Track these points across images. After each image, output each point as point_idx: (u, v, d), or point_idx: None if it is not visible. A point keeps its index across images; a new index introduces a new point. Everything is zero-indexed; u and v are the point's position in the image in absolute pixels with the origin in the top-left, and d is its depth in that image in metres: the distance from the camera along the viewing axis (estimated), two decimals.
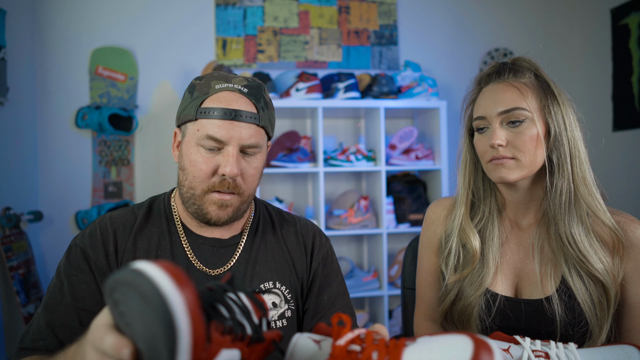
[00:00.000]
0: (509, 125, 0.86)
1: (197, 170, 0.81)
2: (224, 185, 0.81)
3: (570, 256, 0.84)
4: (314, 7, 2.70)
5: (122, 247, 0.85)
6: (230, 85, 0.83)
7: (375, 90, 2.43)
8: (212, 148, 0.81)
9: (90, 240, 0.85)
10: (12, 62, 2.14)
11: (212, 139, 0.80)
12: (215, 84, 0.83)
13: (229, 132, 0.80)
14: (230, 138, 0.80)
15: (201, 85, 0.84)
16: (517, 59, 0.93)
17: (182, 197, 0.86)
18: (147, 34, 2.53)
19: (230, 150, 0.80)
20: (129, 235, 0.86)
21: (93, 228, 0.87)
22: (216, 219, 0.84)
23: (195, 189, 0.83)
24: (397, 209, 2.52)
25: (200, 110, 0.81)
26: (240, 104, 0.82)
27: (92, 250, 0.84)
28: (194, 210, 0.85)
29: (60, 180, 2.43)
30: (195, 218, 0.86)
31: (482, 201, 0.95)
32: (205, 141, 0.80)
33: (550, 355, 0.68)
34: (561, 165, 0.86)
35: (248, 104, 0.83)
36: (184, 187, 0.84)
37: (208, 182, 0.82)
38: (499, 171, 0.86)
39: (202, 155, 0.81)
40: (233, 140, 0.80)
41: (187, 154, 0.83)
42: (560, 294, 0.84)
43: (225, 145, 0.81)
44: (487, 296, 0.89)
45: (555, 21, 2.94)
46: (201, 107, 0.81)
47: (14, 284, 2.04)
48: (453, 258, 0.94)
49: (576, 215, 0.86)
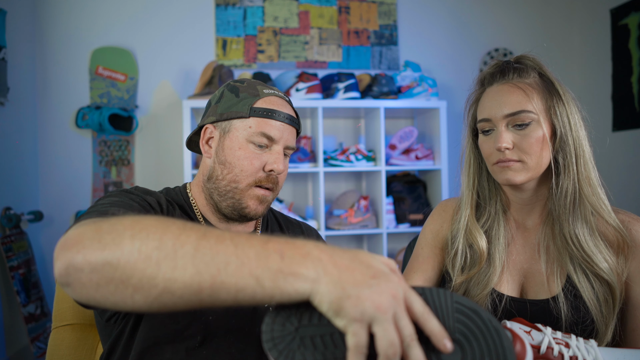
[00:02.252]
0: (515, 127, 0.85)
1: (248, 164, 0.86)
2: (269, 181, 0.88)
3: (575, 255, 0.84)
4: (314, 7, 2.70)
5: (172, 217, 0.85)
6: (276, 92, 0.91)
7: (375, 90, 2.43)
8: (262, 145, 0.87)
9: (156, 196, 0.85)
10: (12, 62, 2.15)
11: (267, 137, 0.86)
12: (262, 89, 0.90)
13: (282, 132, 0.88)
14: (281, 138, 0.88)
15: (246, 87, 0.90)
16: (520, 57, 0.92)
17: (217, 190, 0.88)
18: (147, 34, 2.53)
19: (278, 149, 0.88)
20: (173, 212, 0.87)
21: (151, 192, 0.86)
22: (254, 213, 0.88)
23: (239, 182, 0.86)
24: (397, 209, 2.52)
25: (254, 110, 0.87)
26: (288, 109, 0.91)
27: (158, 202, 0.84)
28: (230, 203, 0.88)
29: (61, 180, 2.43)
30: (227, 212, 0.89)
31: (488, 202, 0.95)
32: (258, 138, 0.86)
33: (570, 345, 0.68)
34: (567, 166, 0.85)
35: (291, 110, 0.92)
36: (223, 180, 0.87)
37: (255, 176, 0.87)
38: (506, 174, 0.86)
39: (251, 151, 0.87)
40: (282, 140, 0.88)
41: (232, 148, 0.87)
42: (566, 293, 0.84)
43: (274, 144, 0.88)
44: (493, 296, 0.89)
45: (555, 21, 2.94)
46: (254, 106, 0.87)
47: (14, 284, 2.04)
48: (460, 259, 0.93)
49: (580, 215, 0.85)
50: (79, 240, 0.50)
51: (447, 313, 0.48)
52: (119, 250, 0.47)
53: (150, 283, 0.46)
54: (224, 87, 0.92)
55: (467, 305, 0.48)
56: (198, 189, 0.93)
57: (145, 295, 0.47)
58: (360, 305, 0.43)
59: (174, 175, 2.51)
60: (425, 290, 0.50)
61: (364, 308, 0.43)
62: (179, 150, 2.47)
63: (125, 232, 0.49)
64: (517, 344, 0.55)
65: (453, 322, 0.47)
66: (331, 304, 0.44)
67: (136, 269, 0.46)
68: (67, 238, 0.51)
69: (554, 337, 0.70)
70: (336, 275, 0.45)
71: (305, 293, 0.45)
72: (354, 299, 0.43)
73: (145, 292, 0.47)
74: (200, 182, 0.93)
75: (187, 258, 0.46)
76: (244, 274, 0.45)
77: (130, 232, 0.49)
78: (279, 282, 0.45)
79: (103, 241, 0.49)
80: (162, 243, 0.47)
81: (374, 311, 0.42)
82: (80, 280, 0.49)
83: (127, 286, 0.47)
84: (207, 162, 0.92)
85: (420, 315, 0.45)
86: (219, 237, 0.48)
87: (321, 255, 0.46)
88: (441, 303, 0.49)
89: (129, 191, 0.82)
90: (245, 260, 0.46)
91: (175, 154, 2.49)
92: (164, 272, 0.46)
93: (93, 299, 0.49)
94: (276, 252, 0.46)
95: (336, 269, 0.45)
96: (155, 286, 0.46)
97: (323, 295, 0.44)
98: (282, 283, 0.45)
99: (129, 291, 0.47)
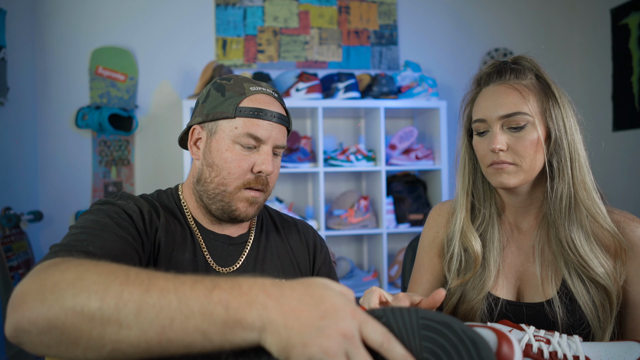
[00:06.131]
0: (509, 129, 0.85)
1: (235, 167, 0.83)
2: (258, 183, 0.85)
3: (571, 260, 0.84)
4: (314, 7, 2.70)
5: (155, 226, 0.83)
6: (264, 89, 0.87)
7: (375, 90, 2.43)
8: (249, 146, 0.84)
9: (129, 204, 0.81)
10: (12, 62, 2.15)
11: (253, 138, 0.83)
12: (248, 86, 0.86)
13: (270, 132, 0.84)
14: (269, 138, 0.84)
15: (232, 85, 0.86)
16: (518, 58, 0.91)
17: (206, 193, 0.86)
18: (147, 34, 2.53)
19: (267, 149, 0.85)
20: (157, 219, 0.84)
21: (135, 198, 0.84)
22: (244, 215, 0.86)
23: (228, 185, 0.84)
24: (397, 209, 2.52)
25: (240, 109, 0.83)
26: (276, 107, 0.87)
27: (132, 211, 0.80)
28: (220, 206, 0.85)
29: (60, 180, 2.43)
30: (218, 215, 0.87)
31: (482, 204, 0.94)
32: (244, 139, 0.83)
33: (551, 342, 0.69)
34: (561, 170, 0.85)
35: (280, 107, 0.88)
36: (211, 183, 0.85)
37: (243, 178, 0.84)
38: (499, 176, 0.86)
39: (238, 152, 0.84)
40: (271, 140, 0.85)
41: (219, 150, 0.84)
42: (561, 296, 0.84)
43: (262, 144, 0.85)
44: (489, 300, 0.88)
45: (555, 21, 2.94)
46: (240, 106, 0.84)
47: (14, 284, 2.04)
48: (455, 262, 0.93)
49: (576, 219, 0.85)
50: (24, 301, 0.49)
51: (412, 333, 0.45)
52: (62, 313, 0.47)
53: (99, 343, 0.46)
54: (210, 85, 0.89)
55: (435, 320, 0.45)
56: (189, 191, 0.91)
57: (97, 354, 0.47)
58: (307, 352, 0.42)
59: (173, 175, 2.51)
60: (387, 311, 0.47)
61: (311, 354, 0.42)
62: (178, 150, 2.47)
63: (68, 291, 0.48)
64: (504, 344, 0.53)
65: (420, 341, 0.45)
66: (279, 353, 0.43)
67: (82, 331, 0.46)
68: (15, 296, 0.51)
69: (535, 335, 0.70)
70: (281, 323, 0.44)
71: (254, 341, 0.45)
72: (299, 346, 0.42)
73: (96, 351, 0.47)
74: (190, 184, 0.91)
75: (131, 317, 0.46)
76: (190, 330, 0.45)
77: (72, 292, 0.48)
78: (226, 334, 0.45)
79: (46, 302, 0.48)
80: (104, 303, 0.46)
81: (322, 356, 0.42)
82: (32, 341, 0.49)
83: (77, 346, 0.47)
84: (196, 164, 0.90)
85: (379, 346, 0.44)
86: (162, 290, 0.47)
87: (267, 302, 0.45)
88: (405, 323, 0.46)
89: (111, 202, 0.80)
90: (189, 315, 0.45)
91: (175, 154, 2.48)
92: (109, 333, 0.46)
93: (48, 355, 0.50)
94: (220, 303, 0.45)
95: (282, 316, 0.44)
96: (104, 346, 0.46)
97: (270, 345, 0.44)
98: (229, 335, 0.45)
99: (80, 350, 0.47)
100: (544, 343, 0.69)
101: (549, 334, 0.72)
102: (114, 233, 0.72)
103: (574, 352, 0.68)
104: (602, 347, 0.71)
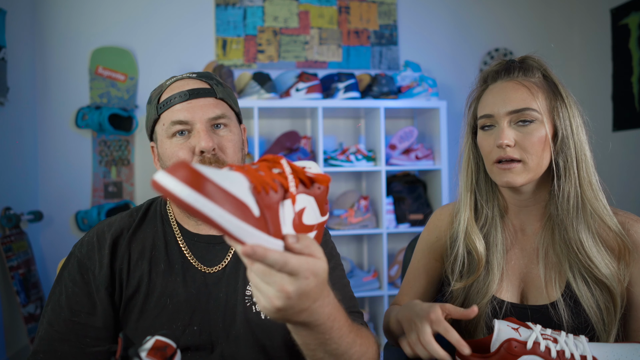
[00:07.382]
0: (517, 125, 0.84)
1: (175, 158, 0.83)
2: (206, 161, 0.82)
3: (576, 261, 0.83)
4: (314, 7, 2.70)
5: (119, 251, 0.86)
6: (179, 76, 0.89)
7: (375, 90, 2.43)
8: (182, 132, 0.83)
9: (87, 249, 0.86)
10: (12, 62, 2.14)
11: (178, 123, 0.83)
12: (166, 81, 0.89)
13: (190, 111, 0.83)
14: (194, 116, 0.83)
15: (155, 90, 0.89)
16: (525, 58, 0.91)
17: None
18: (147, 34, 2.53)
19: (199, 127, 0.83)
20: (124, 239, 0.87)
21: (91, 235, 0.88)
22: None
23: None
24: (397, 209, 2.52)
25: (159, 106, 0.86)
26: (192, 85, 0.86)
27: (88, 260, 0.85)
28: None
29: (60, 180, 2.43)
30: (186, 215, 0.88)
31: (485, 204, 0.94)
32: (172, 128, 0.83)
33: (558, 341, 0.69)
34: (567, 169, 0.84)
35: (200, 83, 0.87)
36: None
37: None
38: (505, 176, 0.85)
39: (175, 144, 0.84)
40: (197, 117, 0.83)
41: (163, 152, 0.86)
42: (565, 299, 0.83)
43: (192, 125, 0.83)
44: (493, 303, 0.88)
45: (555, 21, 2.94)
46: (159, 103, 0.86)
47: (14, 284, 2.04)
48: (459, 264, 0.92)
49: (584, 220, 0.84)
50: None
51: None
52: None
53: None
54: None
55: None
56: None
57: None
58: None
59: None
60: None
61: None
62: None
63: None
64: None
65: None
66: None
67: None
68: None
69: (542, 334, 0.70)
70: None
71: None
72: None
73: None
74: None
75: None
76: None
77: None
78: None
79: None
80: None
81: None
82: None
83: None
84: None
85: None
86: None
87: None
88: None
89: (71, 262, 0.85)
90: None
91: None
92: None
93: None
94: None
95: None
96: None
97: None
98: None
99: None
100: (551, 342, 0.69)
101: (555, 332, 0.72)
102: (68, 320, 0.81)
103: (581, 352, 0.68)
104: (608, 348, 0.71)
